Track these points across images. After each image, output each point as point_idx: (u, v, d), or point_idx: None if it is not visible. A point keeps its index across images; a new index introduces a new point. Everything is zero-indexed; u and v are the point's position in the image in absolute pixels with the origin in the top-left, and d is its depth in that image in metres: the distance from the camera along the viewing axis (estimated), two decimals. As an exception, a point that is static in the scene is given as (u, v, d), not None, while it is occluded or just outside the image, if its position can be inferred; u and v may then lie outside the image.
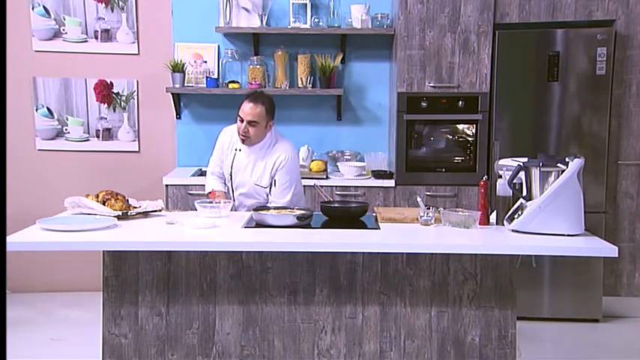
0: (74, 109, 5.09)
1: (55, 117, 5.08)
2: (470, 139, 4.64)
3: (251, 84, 4.86)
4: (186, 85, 4.91)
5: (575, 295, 4.55)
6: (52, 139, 5.10)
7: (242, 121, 3.53)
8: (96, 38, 5.02)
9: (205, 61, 4.98)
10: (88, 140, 5.12)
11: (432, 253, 2.96)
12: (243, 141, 3.57)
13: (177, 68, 4.83)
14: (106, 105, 5.09)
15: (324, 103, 5.05)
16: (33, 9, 4.96)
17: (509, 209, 3.02)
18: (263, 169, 3.61)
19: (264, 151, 3.62)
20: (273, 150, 3.62)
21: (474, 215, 3.04)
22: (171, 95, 4.97)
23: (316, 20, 4.82)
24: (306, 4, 4.82)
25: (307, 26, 4.82)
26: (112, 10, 5.00)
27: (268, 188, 3.61)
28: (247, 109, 3.51)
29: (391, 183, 4.60)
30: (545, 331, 4.40)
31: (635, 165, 4.57)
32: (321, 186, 4.29)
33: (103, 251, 2.99)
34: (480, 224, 3.05)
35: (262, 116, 3.52)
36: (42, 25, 4.99)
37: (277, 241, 2.87)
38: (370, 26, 4.79)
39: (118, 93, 5.09)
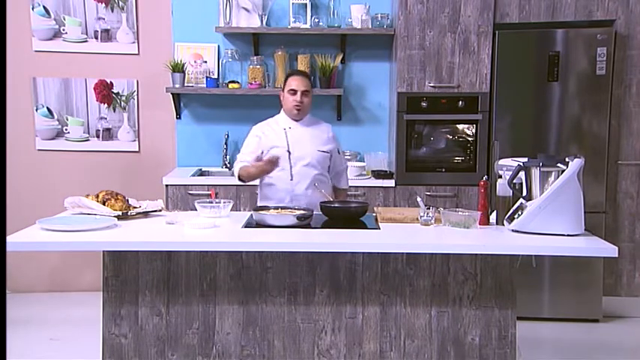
0: (74, 109, 5.09)
1: (55, 117, 5.08)
2: (470, 139, 4.64)
3: (251, 84, 4.86)
4: (186, 85, 4.92)
5: (575, 295, 4.55)
6: (52, 139, 5.10)
7: (294, 93, 3.69)
8: (96, 38, 5.02)
9: (205, 61, 4.98)
10: (88, 140, 5.12)
11: (432, 253, 2.96)
12: (298, 111, 3.72)
13: (178, 68, 4.83)
14: (106, 105, 5.10)
15: (324, 103, 5.05)
16: (33, 9, 4.96)
17: (509, 209, 3.02)
18: (320, 136, 3.80)
19: (312, 123, 3.83)
20: (318, 122, 3.88)
21: (473, 215, 3.04)
22: (171, 95, 4.97)
23: (316, 20, 4.82)
24: (306, 4, 4.82)
25: (307, 26, 4.82)
26: (112, 10, 5.00)
27: (329, 155, 3.80)
28: (299, 80, 3.72)
29: (391, 183, 4.60)
30: (545, 331, 4.40)
31: (635, 165, 4.57)
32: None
33: (103, 251, 2.99)
34: (479, 224, 3.05)
35: (310, 87, 3.77)
36: (42, 25, 4.99)
37: (277, 241, 2.87)
38: (370, 26, 4.79)
39: (118, 93, 5.09)
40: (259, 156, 3.71)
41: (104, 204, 3.15)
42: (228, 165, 4.99)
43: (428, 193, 4.57)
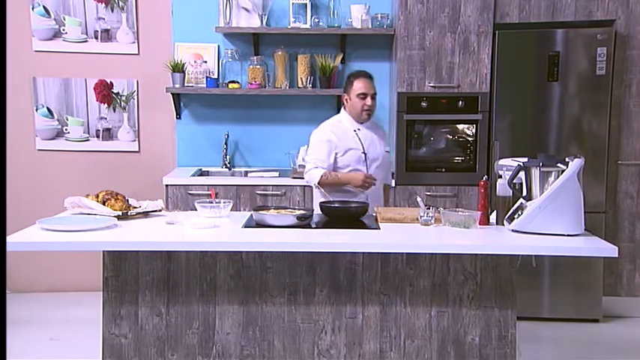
0: (74, 109, 5.09)
1: (55, 117, 5.08)
2: (470, 139, 4.64)
3: (251, 84, 4.86)
4: (186, 85, 4.92)
5: (575, 295, 4.55)
6: (52, 139, 5.10)
7: (364, 97, 3.67)
8: (96, 38, 5.02)
9: (205, 61, 4.98)
10: (88, 140, 5.12)
11: (432, 253, 2.96)
12: (369, 116, 3.72)
13: (177, 68, 4.83)
14: (106, 105, 5.10)
15: (324, 103, 5.05)
16: (33, 9, 4.97)
17: (509, 209, 3.02)
18: (381, 135, 3.86)
19: (371, 124, 3.83)
20: (373, 122, 3.88)
21: (473, 215, 3.04)
22: (171, 95, 4.97)
23: (316, 20, 4.83)
24: (306, 4, 4.82)
25: (307, 26, 4.82)
26: (112, 10, 5.00)
27: (388, 154, 3.90)
28: (367, 84, 3.70)
29: (391, 183, 4.60)
30: (545, 331, 4.40)
31: (635, 165, 4.57)
32: (321, 186, 4.29)
33: (103, 251, 2.99)
34: (479, 224, 3.05)
35: (375, 87, 3.76)
36: (42, 25, 4.99)
37: (277, 241, 2.87)
38: (370, 26, 4.79)
39: (118, 93, 5.09)
40: (332, 163, 3.67)
41: (104, 204, 3.15)
42: (228, 165, 4.99)
43: (428, 193, 4.56)
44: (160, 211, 3.29)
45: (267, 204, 4.31)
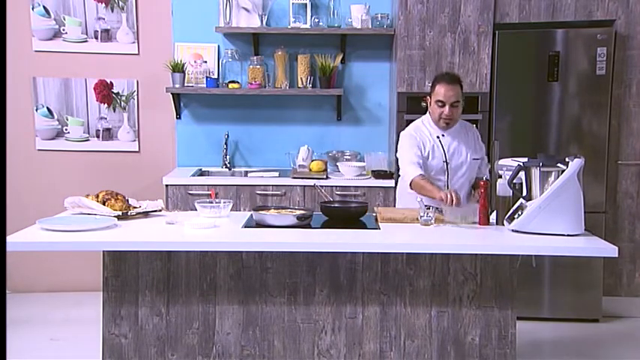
0: (74, 109, 5.09)
1: (55, 117, 5.08)
2: (470, 139, 4.64)
3: (251, 84, 4.86)
4: (186, 85, 4.91)
5: (575, 295, 4.55)
6: (52, 139, 5.10)
7: (442, 105, 3.45)
8: (96, 38, 5.02)
9: (205, 61, 4.98)
10: (88, 140, 5.12)
11: (432, 253, 2.96)
12: (447, 124, 3.50)
13: (177, 68, 4.83)
14: (106, 105, 5.09)
15: (324, 103, 5.05)
16: (33, 9, 4.96)
17: (509, 209, 3.03)
18: (469, 142, 3.62)
19: (461, 127, 3.61)
20: (465, 125, 3.66)
21: (472, 207, 3.06)
22: (171, 95, 4.96)
23: (316, 20, 4.82)
24: (306, 4, 4.82)
25: (307, 26, 4.82)
26: (112, 10, 5.00)
27: (479, 161, 3.64)
28: (448, 91, 3.44)
29: (391, 183, 4.59)
30: (545, 331, 4.40)
31: (635, 165, 4.57)
32: (321, 186, 4.30)
33: (103, 251, 2.99)
34: (480, 224, 3.05)
35: (461, 95, 3.50)
36: (42, 25, 4.99)
37: (277, 241, 2.87)
38: (370, 26, 4.79)
39: (118, 93, 5.09)
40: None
41: (104, 204, 3.15)
42: (228, 165, 4.99)
43: (428, 193, 4.56)
44: (160, 211, 3.30)
45: (267, 204, 4.31)
